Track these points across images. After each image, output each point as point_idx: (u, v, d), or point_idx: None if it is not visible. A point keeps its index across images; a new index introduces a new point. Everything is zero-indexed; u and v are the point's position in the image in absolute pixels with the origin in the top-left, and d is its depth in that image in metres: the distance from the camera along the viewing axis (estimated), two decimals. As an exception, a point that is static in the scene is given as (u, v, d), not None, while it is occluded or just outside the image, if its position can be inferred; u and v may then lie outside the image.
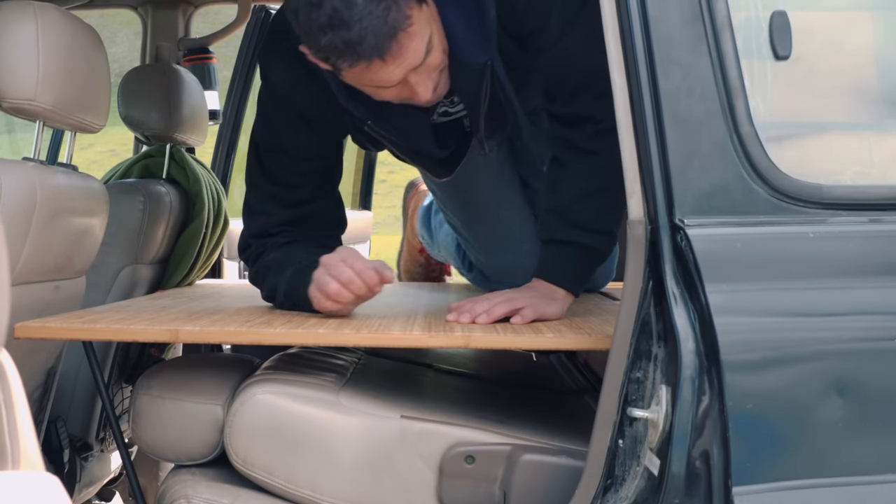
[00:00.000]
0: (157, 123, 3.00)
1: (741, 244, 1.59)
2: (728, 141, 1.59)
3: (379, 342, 1.86)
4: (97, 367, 2.05)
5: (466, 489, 1.86)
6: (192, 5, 3.62)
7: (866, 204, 1.62)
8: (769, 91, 1.63)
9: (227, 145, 3.67)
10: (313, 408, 1.88)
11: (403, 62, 1.91)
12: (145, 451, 2.08)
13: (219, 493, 1.92)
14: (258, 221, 2.25)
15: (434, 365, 2.41)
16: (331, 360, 2.19)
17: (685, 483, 1.52)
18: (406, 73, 1.94)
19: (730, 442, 1.50)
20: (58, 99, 2.02)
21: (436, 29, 1.97)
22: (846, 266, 1.61)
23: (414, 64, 1.93)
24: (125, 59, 4.26)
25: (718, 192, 1.59)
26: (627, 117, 1.62)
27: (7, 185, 1.90)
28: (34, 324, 1.88)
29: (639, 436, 1.61)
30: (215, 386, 2.01)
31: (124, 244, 2.82)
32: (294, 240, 2.20)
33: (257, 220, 2.25)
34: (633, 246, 1.61)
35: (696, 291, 1.54)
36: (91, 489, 2.90)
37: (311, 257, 2.05)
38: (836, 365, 1.56)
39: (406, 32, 1.88)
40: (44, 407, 2.38)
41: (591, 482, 1.63)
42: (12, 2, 1.99)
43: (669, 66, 1.59)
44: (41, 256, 2.04)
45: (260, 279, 2.22)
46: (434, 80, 2.00)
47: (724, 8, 1.60)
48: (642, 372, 1.59)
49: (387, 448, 1.87)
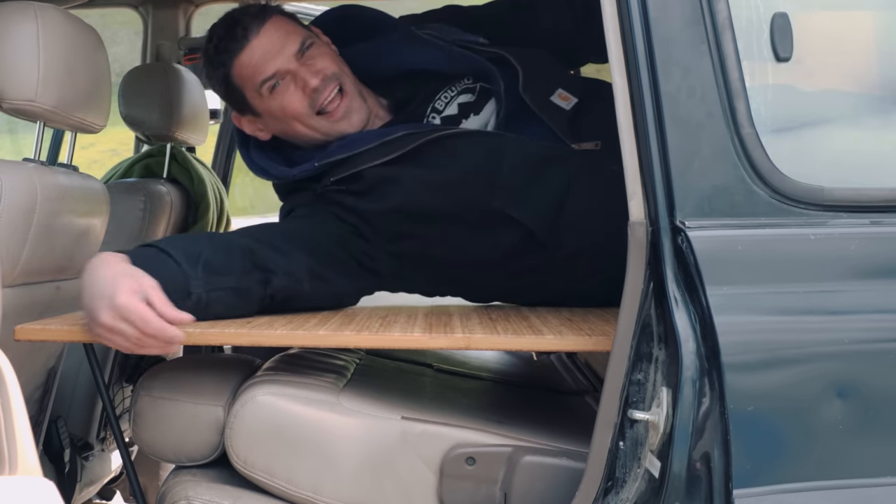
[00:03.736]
0: (157, 123, 3.00)
1: (742, 246, 1.58)
2: (729, 142, 1.59)
3: (379, 343, 1.86)
4: (97, 367, 2.04)
5: (467, 490, 1.86)
6: (193, 4, 3.62)
7: (867, 206, 1.62)
8: (770, 92, 1.63)
9: (227, 144, 3.67)
10: (314, 409, 1.88)
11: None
12: (146, 452, 2.07)
13: (219, 494, 1.92)
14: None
15: (434, 364, 2.41)
16: (331, 360, 2.19)
17: (686, 485, 1.52)
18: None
19: (730, 444, 1.50)
20: (58, 100, 2.02)
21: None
22: (847, 268, 1.60)
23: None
24: (126, 58, 4.25)
25: (719, 193, 1.59)
26: (628, 118, 1.61)
27: (8, 186, 1.90)
28: (34, 326, 1.88)
29: (639, 438, 1.60)
30: (216, 387, 2.01)
31: (125, 244, 2.80)
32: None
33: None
34: (633, 248, 1.61)
35: (696, 293, 1.54)
36: (92, 488, 2.90)
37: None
38: (838, 367, 1.56)
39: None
40: (44, 407, 2.38)
41: (592, 484, 1.63)
42: (12, 2, 1.99)
43: (670, 67, 1.59)
44: (42, 257, 2.04)
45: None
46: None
47: (725, 9, 1.60)
48: (643, 374, 1.59)
49: (387, 449, 1.87)
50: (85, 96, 2.12)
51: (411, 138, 2.16)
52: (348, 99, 2.25)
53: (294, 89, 2.22)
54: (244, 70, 2.23)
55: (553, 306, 2.20)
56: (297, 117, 2.24)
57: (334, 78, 2.23)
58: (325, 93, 2.22)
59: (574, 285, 2.18)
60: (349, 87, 2.26)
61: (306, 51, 2.23)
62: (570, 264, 2.15)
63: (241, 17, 2.25)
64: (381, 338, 1.82)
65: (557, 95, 2.24)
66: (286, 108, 2.23)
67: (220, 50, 2.26)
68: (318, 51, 2.25)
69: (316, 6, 3.75)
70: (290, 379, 1.95)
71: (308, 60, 2.22)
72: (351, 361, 2.23)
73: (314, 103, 2.22)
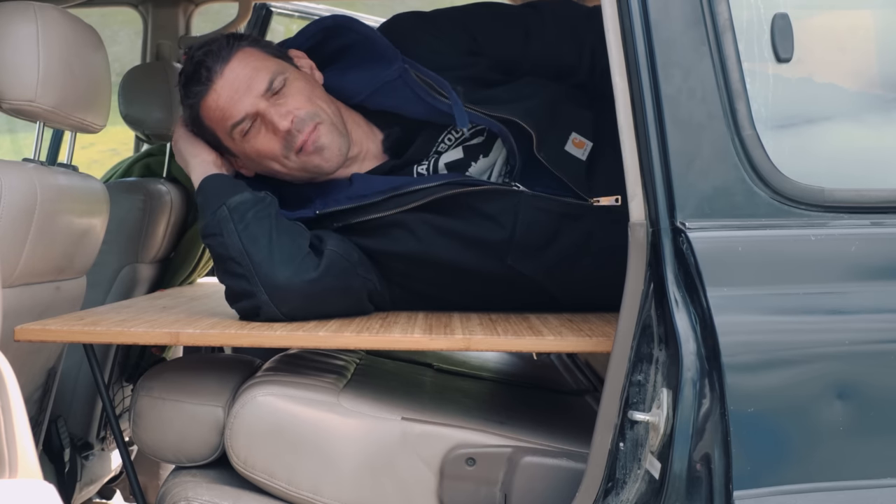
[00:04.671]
0: (157, 122, 3.00)
1: (742, 247, 1.58)
2: (729, 143, 1.59)
3: (379, 344, 1.85)
4: (97, 368, 2.04)
5: (467, 491, 1.86)
6: (193, 3, 3.62)
7: (868, 207, 1.62)
8: (771, 93, 1.63)
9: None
10: (314, 410, 1.88)
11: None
12: (146, 453, 2.08)
13: (219, 494, 1.92)
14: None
15: (434, 364, 2.41)
16: (331, 360, 2.19)
17: (686, 486, 1.52)
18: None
19: (731, 445, 1.50)
20: (58, 100, 2.01)
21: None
22: (848, 269, 1.60)
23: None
24: (126, 57, 4.25)
25: (720, 194, 1.59)
26: (629, 120, 1.61)
27: (7, 187, 1.90)
28: (34, 326, 1.88)
29: (640, 439, 1.60)
30: (216, 387, 2.01)
31: (125, 243, 2.82)
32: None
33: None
34: (634, 248, 1.61)
35: (697, 294, 1.54)
36: (92, 488, 2.90)
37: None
38: (838, 368, 1.56)
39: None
40: (44, 407, 2.38)
41: (592, 485, 1.63)
42: (12, 2, 1.98)
43: (671, 68, 1.59)
44: (42, 257, 2.03)
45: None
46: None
47: (725, 10, 1.60)
48: (643, 375, 1.59)
49: (388, 450, 1.87)
50: (85, 96, 2.12)
51: (423, 193, 2.06)
52: (318, 133, 2.08)
53: (265, 131, 2.08)
54: (211, 114, 2.09)
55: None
56: (273, 158, 2.11)
57: (309, 119, 2.07)
58: (302, 135, 2.07)
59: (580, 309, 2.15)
60: (327, 123, 2.09)
61: (277, 90, 2.07)
62: (579, 302, 2.13)
63: (203, 57, 2.08)
64: (381, 339, 1.82)
65: (571, 142, 2.13)
66: (260, 150, 2.10)
67: (187, 93, 2.12)
68: (290, 88, 2.09)
69: (316, 6, 3.75)
70: (290, 379, 1.95)
71: (279, 100, 2.07)
72: (351, 362, 2.23)
73: (290, 145, 2.08)
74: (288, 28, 3.84)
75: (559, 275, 2.08)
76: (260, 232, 1.97)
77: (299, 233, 2.02)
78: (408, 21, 2.30)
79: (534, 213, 2.05)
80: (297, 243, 1.99)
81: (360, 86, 2.19)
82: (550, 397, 2.39)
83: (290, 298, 1.94)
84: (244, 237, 1.96)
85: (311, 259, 1.98)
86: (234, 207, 1.99)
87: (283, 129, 2.06)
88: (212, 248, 2.02)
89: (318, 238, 2.04)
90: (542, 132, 2.10)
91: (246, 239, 1.96)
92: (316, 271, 1.96)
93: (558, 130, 2.13)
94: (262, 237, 1.96)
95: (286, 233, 1.99)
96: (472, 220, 2.07)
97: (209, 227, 2.00)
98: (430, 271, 2.11)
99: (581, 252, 2.07)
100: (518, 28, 2.27)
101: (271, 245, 1.96)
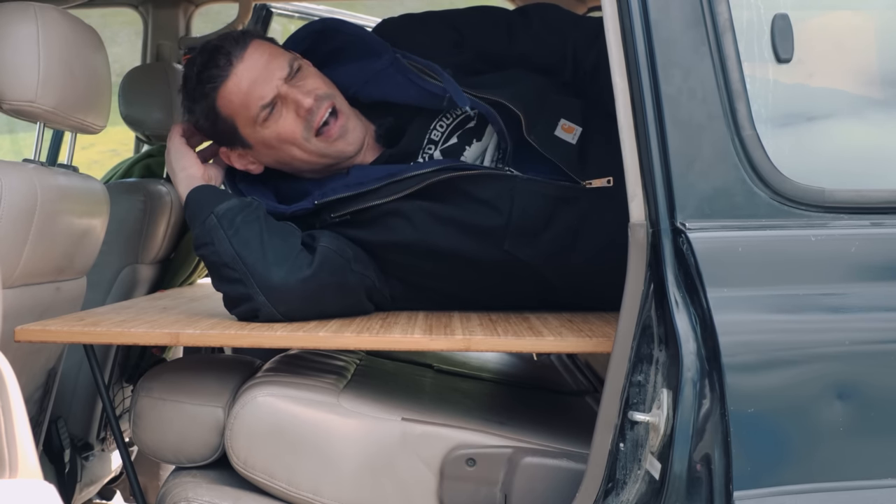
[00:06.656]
0: (157, 122, 3.01)
1: (743, 247, 1.58)
2: (730, 144, 1.59)
3: (379, 345, 1.85)
4: (97, 368, 2.04)
5: (467, 492, 1.86)
6: (193, 4, 3.62)
7: (868, 207, 1.62)
8: (771, 94, 1.63)
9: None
10: (314, 410, 1.88)
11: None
12: (146, 453, 2.08)
13: (219, 495, 1.92)
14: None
15: (435, 365, 2.41)
16: (331, 361, 2.19)
17: (686, 487, 1.52)
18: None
19: (731, 446, 1.50)
20: (58, 100, 2.02)
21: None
22: (848, 269, 1.60)
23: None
24: (126, 58, 4.25)
25: (720, 195, 1.59)
26: (629, 120, 1.61)
27: (7, 187, 1.90)
28: (34, 327, 1.88)
29: (640, 439, 1.60)
30: (216, 388, 2.01)
31: (125, 244, 2.82)
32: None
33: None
34: (634, 249, 1.61)
35: (697, 295, 1.54)
36: (92, 488, 2.90)
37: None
38: (838, 368, 1.56)
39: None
40: (45, 408, 2.38)
41: (592, 485, 1.63)
42: (12, 2, 1.99)
43: (671, 68, 1.59)
44: (42, 258, 2.03)
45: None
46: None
47: (725, 10, 1.60)
48: (643, 375, 1.59)
49: (388, 450, 1.87)
50: (85, 97, 2.12)
51: (418, 178, 2.08)
52: (343, 118, 2.15)
53: (287, 113, 2.12)
54: (232, 98, 2.11)
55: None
56: (294, 142, 2.13)
57: (327, 97, 2.13)
58: (320, 112, 2.12)
59: (579, 302, 2.17)
60: (343, 107, 2.16)
61: (296, 73, 2.13)
62: (578, 292, 2.13)
63: (221, 43, 2.12)
64: (381, 339, 1.82)
65: (561, 128, 2.15)
66: (281, 133, 2.12)
67: (202, 80, 2.12)
68: (306, 72, 2.15)
69: (316, 6, 3.76)
70: (290, 380, 1.95)
71: (298, 82, 2.12)
72: (351, 362, 2.23)
73: (310, 125, 2.12)
74: (286, 28, 3.84)
75: (556, 260, 2.09)
76: (250, 235, 1.98)
77: (290, 232, 2.03)
78: (397, 21, 2.38)
79: (529, 196, 2.07)
80: (289, 242, 2.00)
81: (353, 78, 2.23)
82: (550, 398, 2.39)
83: (287, 298, 1.94)
84: (235, 242, 1.97)
85: (305, 256, 1.99)
86: (222, 215, 2.00)
87: (306, 107, 2.10)
88: (205, 258, 2.03)
89: (310, 237, 2.05)
90: (530, 116, 2.13)
91: (237, 243, 1.97)
92: (310, 268, 1.97)
93: (547, 115, 2.16)
94: (254, 240, 1.98)
95: (277, 233, 2.01)
96: (468, 206, 2.08)
97: (200, 238, 2.02)
98: (428, 261, 2.11)
99: (577, 236, 2.09)
100: (503, 26, 2.32)
101: (263, 246, 1.97)
